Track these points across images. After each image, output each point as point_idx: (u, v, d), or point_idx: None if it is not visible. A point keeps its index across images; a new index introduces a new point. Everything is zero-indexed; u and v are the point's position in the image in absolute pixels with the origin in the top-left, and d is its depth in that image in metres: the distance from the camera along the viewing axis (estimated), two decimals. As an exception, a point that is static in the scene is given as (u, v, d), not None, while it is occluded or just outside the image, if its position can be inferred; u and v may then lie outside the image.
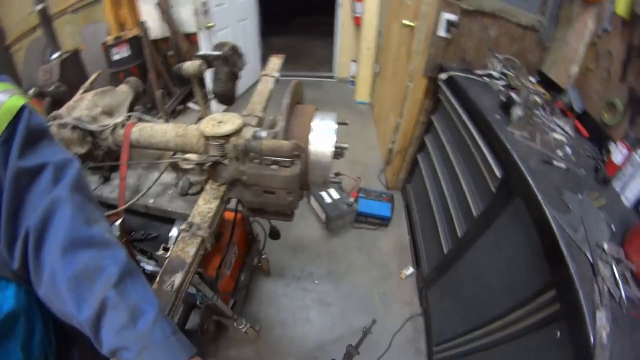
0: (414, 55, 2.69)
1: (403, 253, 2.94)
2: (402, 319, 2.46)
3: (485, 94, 1.98)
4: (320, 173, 1.02)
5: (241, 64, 1.54)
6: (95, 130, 1.22)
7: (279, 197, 0.97)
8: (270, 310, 2.49)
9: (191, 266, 0.95)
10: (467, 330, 1.70)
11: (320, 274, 2.74)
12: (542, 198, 1.24)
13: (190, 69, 1.37)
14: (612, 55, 1.71)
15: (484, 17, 2.26)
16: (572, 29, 2.10)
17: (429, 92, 2.69)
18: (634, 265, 1.09)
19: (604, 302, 0.97)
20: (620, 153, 1.42)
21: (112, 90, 1.42)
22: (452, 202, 2.14)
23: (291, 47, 6.95)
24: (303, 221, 3.16)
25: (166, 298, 0.86)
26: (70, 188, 0.68)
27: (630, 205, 1.38)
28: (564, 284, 1.05)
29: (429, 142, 2.69)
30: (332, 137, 0.99)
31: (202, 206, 1.10)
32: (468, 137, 1.95)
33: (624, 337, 0.92)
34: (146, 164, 1.41)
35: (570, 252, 1.07)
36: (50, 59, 3.58)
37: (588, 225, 1.19)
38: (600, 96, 1.78)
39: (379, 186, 3.60)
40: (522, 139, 1.60)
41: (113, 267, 0.64)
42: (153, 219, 1.39)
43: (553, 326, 1.13)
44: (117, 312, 0.60)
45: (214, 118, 1.08)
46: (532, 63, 2.43)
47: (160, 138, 1.19)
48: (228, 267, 1.85)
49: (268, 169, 0.92)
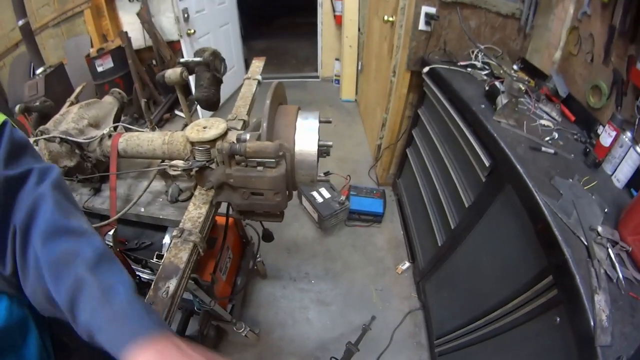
0: (396, 50, 2.69)
1: (398, 248, 2.94)
2: (401, 314, 2.46)
3: (469, 84, 1.98)
4: (307, 172, 1.01)
5: (223, 69, 1.53)
6: (83, 142, 1.23)
7: (266, 198, 0.96)
8: (269, 313, 2.47)
9: (185, 271, 0.96)
10: (467, 322, 1.70)
11: (317, 274, 2.73)
12: (532, 184, 1.23)
13: (172, 76, 1.36)
14: (593, 38, 1.72)
15: (463, 8, 2.26)
16: (552, 15, 2.11)
17: (414, 86, 2.69)
18: (630, 245, 1.09)
19: (601, 285, 0.96)
20: (608, 135, 1.42)
21: (97, 102, 1.43)
22: (443, 194, 2.14)
23: (274, 49, 6.92)
24: (296, 222, 3.15)
25: (162, 304, 0.87)
26: (52, 187, 0.71)
27: (621, 186, 1.39)
28: (560, 269, 1.04)
29: (417, 136, 2.68)
30: (315, 135, 0.99)
31: (192, 212, 1.12)
32: (455, 128, 1.94)
33: (624, 319, 0.91)
34: (135, 174, 1.42)
35: (564, 237, 1.06)
36: (35, 74, 3.54)
37: (580, 209, 1.19)
38: (585, 80, 1.79)
39: (370, 183, 3.60)
40: (508, 127, 1.60)
41: (89, 251, 0.66)
42: (146, 228, 1.41)
43: (552, 312, 1.12)
44: (91, 290, 0.61)
45: (199, 124, 1.09)
46: (515, 51, 2.44)
47: (147, 147, 1.20)
48: (223, 272, 1.83)
49: (254, 170, 0.91)
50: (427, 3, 2.25)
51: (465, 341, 1.71)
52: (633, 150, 1.33)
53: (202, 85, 1.45)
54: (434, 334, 2.15)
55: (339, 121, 4.60)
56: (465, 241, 1.80)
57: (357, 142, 4.20)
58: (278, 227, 2.87)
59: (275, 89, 1.01)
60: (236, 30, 5.19)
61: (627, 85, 1.49)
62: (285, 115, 1.03)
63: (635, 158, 1.32)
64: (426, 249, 2.46)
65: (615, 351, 0.86)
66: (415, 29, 2.35)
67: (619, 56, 1.57)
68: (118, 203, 1.24)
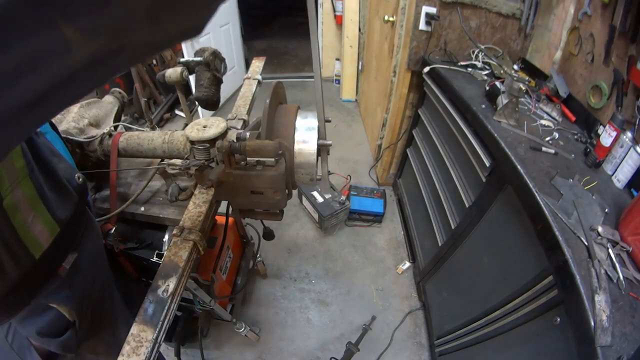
0: (396, 50, 2.69)
1: (398, 248, 2.94)
2: (401, 314, 2.46)
3: (469, 84, 1.98)
4: (307, 171, 1.01)
5: (223, 69, 1.53)
6: (84, 141, 1.24)
7: (266, 197, 0.96)
8: (270, 313, 2.47)
9: (185, 270, 0.97)
10: (467, 322, 1.70)
11: (317, 274, 2.73)
12: (532, 185, 1.23)
13: (172, 76, 1.36)
14: (594, 38, 1.72)
15: (463, 8, 2.26)
16: (552, 15, 2.11)
17: (414, 86, 2.69)
18: (630, 246, 1.09)
19: (602, 285, 0.96)
20: (609, 135, 1.42)
21: (98, 102, 1.44)
22: (443, 194, 2.14)
23: (274, 49, 6.92)
24: (297, 222, 3.15)
25: (161, 303, 0.87)
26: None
27: (622, 186, 1.39)
28: (561, 270, 1.04)
29: (418, 136, 2.68)
30: (315, 134, 0.99)
31: (192, 210, 1.12)
32: (455, 128, 1.94)
33: (624, 319, 0.91)
34: (135, 173, 1.43)
35: (564, 237, 1.06)
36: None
37: (581, 209, 1.19)
38: (585, 80, 1.78)
39: (370, 183, 3.60)
40: (509, 127, 1.60)
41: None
42: (146, 227, 1.41)
43: (552, 312, 1.12)
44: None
45: (199, 123, 1.10)
46: (515, 51, 2.44)
47: (147, 146, 1.21)
48: (224, 272, 1.83)
49: (254, 169, 0.91)
50: (428, 3, 2.25)
51: (465, 341, 1.71)
52: (633, 150, 1.33)
53: (202, 85, 1.45)
54: (434, 334, 2.15)
55: (339, 121, 4.60)
56: (466, 241, 1.80)
57: (357, 142, 4.19)
58: (278, 227, 2.88)
59: (275, 89, 1.01)
60: (236, 30, 5.19)
61: (628, 85, 1.49)
62: (285, 114, 1.03)
63: (635, 158, 1.32)
64: (427, 249, 2.46)
65: (615, 351, 0.86)
66: (415, 29, 2.35)
67: (620, 56, 1.56)
68: (118, 202, 1.25)
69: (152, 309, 0.86)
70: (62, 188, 0.86)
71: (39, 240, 0.76)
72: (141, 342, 0.81)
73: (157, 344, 0.83)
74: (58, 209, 0.82)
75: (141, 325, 0.83)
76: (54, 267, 0.83)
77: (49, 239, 0.79)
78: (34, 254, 0.75)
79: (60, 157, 0.93)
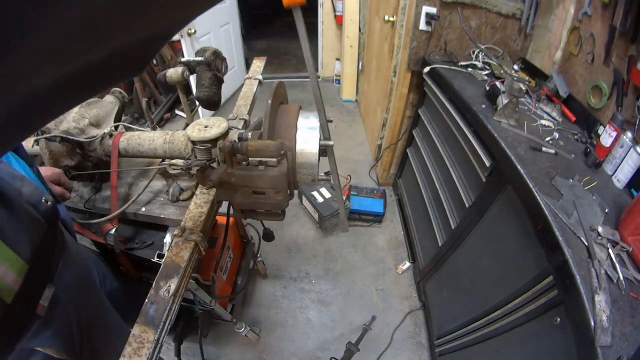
0: (397, 50, 2.69)
1: (398, 248, 2.94)
2: (401, 314, 2.46)
3: (469, 84, 1.98)
4: (309, 171, 1.01)
5: (224, 69, 1.53)
6: (84, 141, 1.23)
7: (268, 197, 0.96)
8: (270, 313, 2.47)
9: (186, 270, 0.97)
10: (467, 322, 1.70)
11: (317, 274, 2.73)
12: (532, 185, 1.23)
13: (173, 76, 1.36)
14: (594, 38, 1.72)
15: (463, 8, 2.26)
16: (553, 15, 2.11)
17: (414, 86, 2.69)
18: (630, 246, 1.09)
19: (602, 285, 0.96)
20: (609, 135, 1.42)
21: (98, 102, 1.43)
22: (443, 194, 2.14)
23: (274, 49, 6.92)
24: (297, 222, 3.15)
25: (163, 304, 0.87)
26: None
27: (622, 186, 1.39)
28: (561, 270, 1.05)
29: (418, 136, 2.68)
30: (317, 134, 0.99)
31: (193, 210, 1.12)
32: (455, 128, 1.94)
33: (624, 319, 0.91)
34: (136, 174, 1.43)
35: (564, 237, 1.06)
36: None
37: (581, 209, 1.19)
38: (586, 80, 1.79)
39: (370, 183, 3.60)
40: (509, 127, 1.60)
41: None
42: (147, 227, 1.41)
43: (552, 312, 1.12)
44: None
45: (200, 123, 1.10)
46: (515, 51, 2.44)
47: (148, 146, 1.21)
48: (224, 272, 1.83)
49: (255, 169, 0.91)
50: (428, 3, 2.25)
51: (465, 341, 1.71)
52: (633, 150, 1.33)
53: (203, 85, 1.45)
54: (434, 334, 2.15)
55: (339, 121, 4.60)
56: (466, 241, 1.80)
57: (357, 142, 4.20)
58: (279, 227, 2.88)
59: (276, 89, 1.01)
60: (237, 29, 5.19)
61: (628, 85, 1.49)
62: (286, 114, 1.03)
63: (635, 158, 1.32)
64: (427, 249, 2.46)
65: (615, 352, 0.86)
66: (415, 29, 2.35)
67: (620, 56, 1.56)
68: (118, 203, 1.25)
69: (154, 309, 0.86)
70: (26, 216, 0.77)
71: (6, 283, 0.68)
72: (143, 343, 0.81)
73: (159, 345, 0.83)
74: (20, 244, 0.73)
75: (143, 326, 0.83)
76: (31, 307, 0.77)
77: (17, 279, 0.71)
78: (4, 299, 0.68)
79: (23, 180, 0.81)
